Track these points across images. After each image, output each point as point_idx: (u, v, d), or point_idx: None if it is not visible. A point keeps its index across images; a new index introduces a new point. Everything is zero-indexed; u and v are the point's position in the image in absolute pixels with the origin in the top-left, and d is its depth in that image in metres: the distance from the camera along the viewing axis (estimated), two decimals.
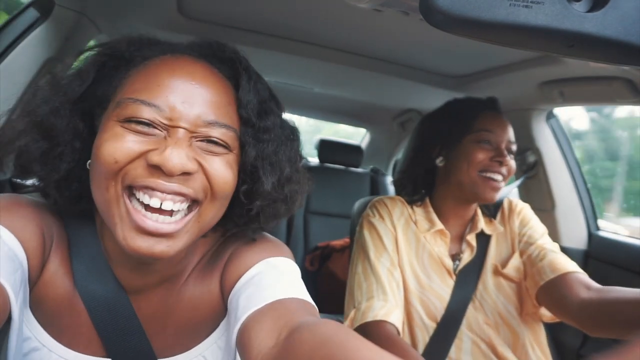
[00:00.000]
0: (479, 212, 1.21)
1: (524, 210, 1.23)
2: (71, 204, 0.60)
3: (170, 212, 0.52)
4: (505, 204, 1.24)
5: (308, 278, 2.39)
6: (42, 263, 0.58)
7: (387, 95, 2.04)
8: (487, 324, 1.10)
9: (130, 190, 0.52)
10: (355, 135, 3.56)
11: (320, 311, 0.63)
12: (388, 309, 1.02)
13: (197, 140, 0.53)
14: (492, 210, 1.24)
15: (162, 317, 0.64)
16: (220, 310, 0.67)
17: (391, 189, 2.72)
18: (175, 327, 0.65)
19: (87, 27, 1.11)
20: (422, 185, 1.21)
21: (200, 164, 0.53)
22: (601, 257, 1.51)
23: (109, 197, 0.51)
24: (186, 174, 0.51)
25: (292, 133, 0.66)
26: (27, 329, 0.59)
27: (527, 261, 1.14)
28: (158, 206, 0.51)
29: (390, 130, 2.65)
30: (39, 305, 0.60)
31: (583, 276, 1.04)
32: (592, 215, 1.60)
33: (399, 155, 2.77)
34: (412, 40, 1.23)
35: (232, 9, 1.17)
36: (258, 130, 0.60)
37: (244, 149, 0.59)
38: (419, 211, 1.20)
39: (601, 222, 1.61)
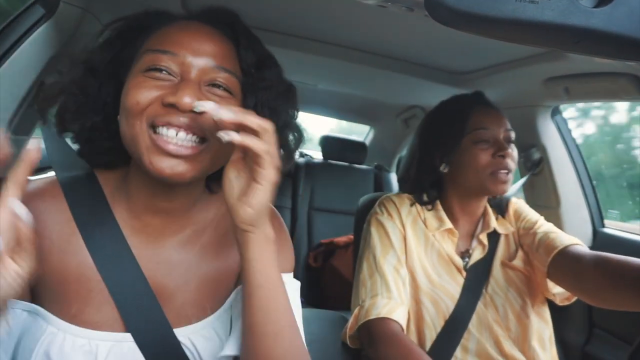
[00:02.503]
0: (489, 209, 1.21)
1: (516, 204, 1.26)
2: (99, 155, 0.71)
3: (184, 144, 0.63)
4: (508, 204, 1.26)
5: (312, 274, 2.38)
6: None
7: (390, 92, 2.04)
8: (497, 321, 1.10)
9: (153, 128, 0.61)
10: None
11: (324, 307, 0.64)
12: (391, 306, 1.03)
13: (205, 85, 0.63)
14: (501, 209, 1.24)
15: (184, 270, 0.70)
16: (231, 287, 0.73)
17: (395, 185, 2.72)
18: (197, 281, 0.70)
19: (92, 23, 1.11)
20: (430, 192, 1.21)
21: None
22: None
23: (135, 132, 0.61)
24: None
25: (289, 89, 0.76)
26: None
27: (529, 250, 1.15)
28: (174, 136, 0.61)
29: (394, 126, 2.64)
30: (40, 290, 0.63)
31: (579, 248, 1.05)
32: (597, 212, 1.59)
33: (403, 151, 2.77)
34: (416, 36, 1.22)
35: (236, 7, 1.17)
36: (256, 80, 0.70)
37: (245, 97, 0.69)
38: (427, 209, 1.20)
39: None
